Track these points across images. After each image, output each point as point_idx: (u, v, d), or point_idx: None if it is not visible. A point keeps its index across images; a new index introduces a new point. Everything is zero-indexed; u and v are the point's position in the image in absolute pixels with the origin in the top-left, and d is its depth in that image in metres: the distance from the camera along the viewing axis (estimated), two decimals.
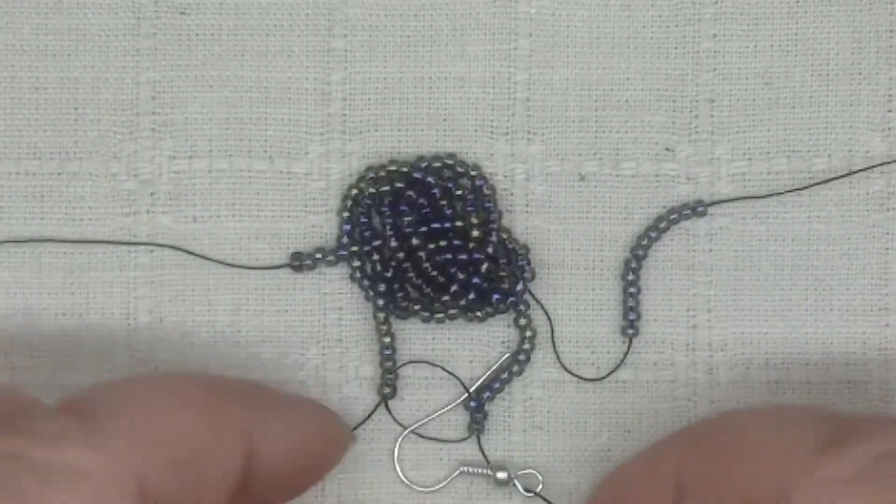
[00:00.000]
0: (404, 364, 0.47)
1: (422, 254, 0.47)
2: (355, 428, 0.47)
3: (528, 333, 0.47)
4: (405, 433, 0.47)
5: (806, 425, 0.39)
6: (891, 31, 0.48)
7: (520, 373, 0.47)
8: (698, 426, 0.43)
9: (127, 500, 0.36)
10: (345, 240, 0.47)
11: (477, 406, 0.47)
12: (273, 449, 0.41)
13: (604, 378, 0.48)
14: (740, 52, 0.48)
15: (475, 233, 0.47)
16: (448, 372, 0.47)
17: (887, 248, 0.48)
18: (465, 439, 0.48)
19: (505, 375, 0.47)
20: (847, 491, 0.36)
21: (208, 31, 0.48)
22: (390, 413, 0.47)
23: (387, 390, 0.47)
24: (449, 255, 0.46)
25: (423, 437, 0.48)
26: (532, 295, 0.47)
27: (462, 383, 0.47)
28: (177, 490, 0.38)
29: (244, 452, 0.40)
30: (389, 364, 0.47)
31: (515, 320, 0.47)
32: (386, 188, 0.47)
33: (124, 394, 0.40)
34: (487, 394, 0.47)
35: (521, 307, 0.47)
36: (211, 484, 0.39)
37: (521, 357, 0.47)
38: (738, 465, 0.39)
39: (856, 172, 0.48)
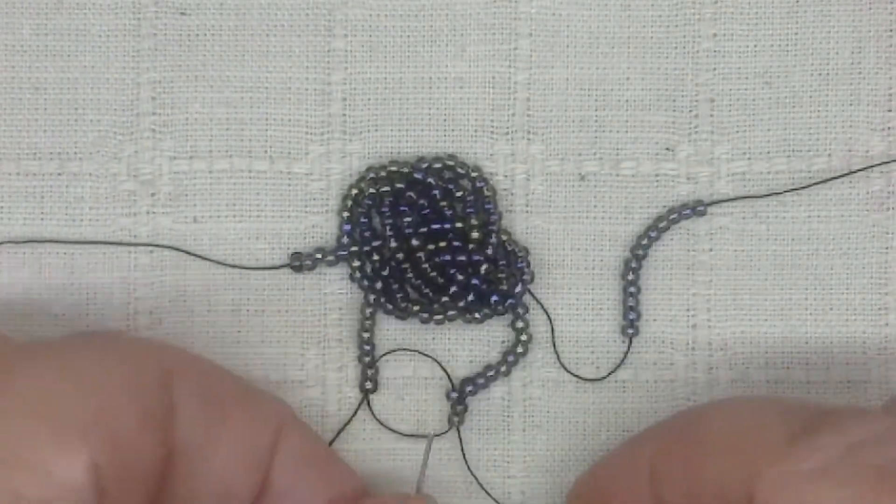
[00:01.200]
0: (386, 354, 0.47)
1: (421, 255, 0.47)
2: (345, 426, 0.47)
3: (524, 338, 0.47)
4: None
5: (775, 416, 0.39)
6: (891, 31, 0.48)
7: (507, 373, 0.47)
8: (673, 419, 0.43)
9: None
10: (345, 240, 0.47)
11: (458, 398, 0.47)
12: (294, 461, 0.42)
13: (604, 378, 0.48)
14: (740, 51, 0.48)
15: (475, 234, 0.47)
16: (433, 358, 0.47)
17: (887, 248, 0.48)
18: (446, 433, 0.48)
19: (492, 373, 0.47)
20: (814, 482, 0.36)
21: (209, 31, 0.48)
22: (371, 410, 0.47)
23: (368, 385, 0.47)
24: (448, 257, 0.46)
25: (403, 434, 0.48)
26: (532, 295, 0.48)
27: (447, 373, 0.47)
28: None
29: (273, 440, 0.41)
30: (368, 360, 0.47)
31: (513, 323, 0.47)
32: (386, 189, 0.47)
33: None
34: (470, 387, 0.47)
35: (520, 310, 0.47)
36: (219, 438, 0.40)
37: (511, 358, 0.47)
38: (709, 456, 0.39)
39: (855, 172, 0.48)
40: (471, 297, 0.47)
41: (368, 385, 0.47)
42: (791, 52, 0.48)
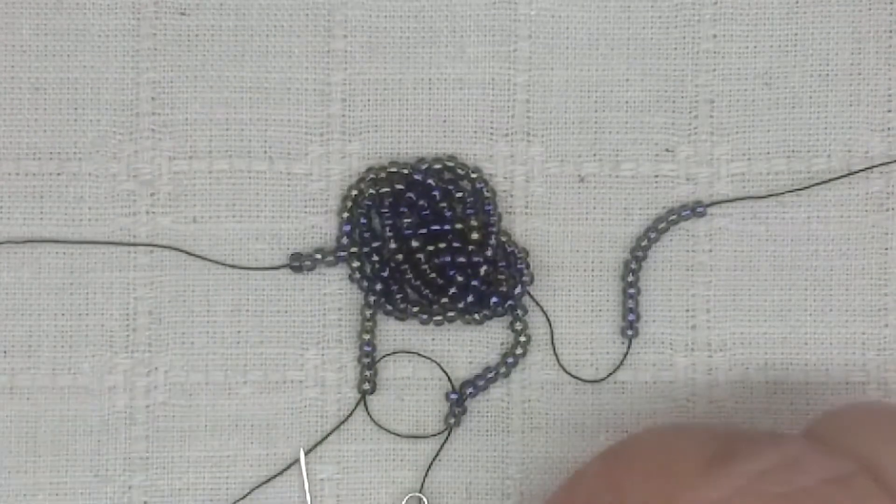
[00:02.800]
0: (385, 356, 0.48)
1: (421, 256, 0.47)
2: (337, 427, 0.47)
3: (523, 339, 0.47)
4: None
5: (697, 443, 0.40)
6: (890, 32, 0.48)
7: (507, 374, 0.47)
8: (614, 445, 0.43)
9: None
10: (344, 241, 0.47)
11: (458, 400, 0.47)
12: None
13: (603, 380, 0.48)
14: (740, 52, 0.48)
15: (474, 236, 0.47)
16: (432, 360, 0.47)
17: (886, 249, 0.48)
18: (443, 432, 0.48)
19: (491, 375, 0.47)
20: None
21: (208, 31, 0.48)
22: (367, 411, 0.47)
23: (366, 386, 0.47)
24: (448, 258, 0.47)
25: (401, 436, 0.48)
26: (531, 297, 0.48)
27: (447, 375, 0.48)
28: None
29: None
30: (368, 361, 0.47)
31: (512, 325, 0.47)
32: (386, 189, 0.47)
33: None
34: (470, 389, 0.47)
35: (519, 312, 0.47)
36: None
37: (510, 360, 0.47)
38: (633, 483, 0.39)
39: (855, 173, 0.48)
40: (470, 299, 0.47)
41: (366, 387, 0.47)
42: (791, 52, 0.48)
